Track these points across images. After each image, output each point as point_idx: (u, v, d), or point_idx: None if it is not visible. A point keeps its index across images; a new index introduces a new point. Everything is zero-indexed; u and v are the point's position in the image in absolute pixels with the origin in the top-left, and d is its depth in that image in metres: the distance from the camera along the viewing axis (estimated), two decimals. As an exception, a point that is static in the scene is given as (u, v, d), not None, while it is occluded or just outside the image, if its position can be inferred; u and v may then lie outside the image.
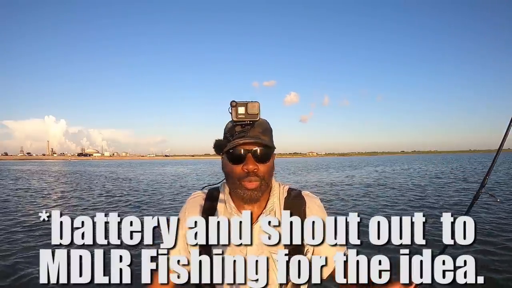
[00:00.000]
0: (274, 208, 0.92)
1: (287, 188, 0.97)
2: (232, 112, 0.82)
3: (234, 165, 0.85)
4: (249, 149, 0.84)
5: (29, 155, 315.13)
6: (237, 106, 0.81)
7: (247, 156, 0.84)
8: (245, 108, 0.81)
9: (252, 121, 0.83)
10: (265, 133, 0.87)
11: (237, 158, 0.85)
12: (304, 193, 0.96)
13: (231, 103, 0.81)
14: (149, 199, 10.23)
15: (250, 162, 0.84)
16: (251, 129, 0.84)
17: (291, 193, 0.95)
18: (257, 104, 0.82)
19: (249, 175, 0.84)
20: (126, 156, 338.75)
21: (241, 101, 0.82)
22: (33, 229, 5.99)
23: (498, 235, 5.12)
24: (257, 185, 0.85)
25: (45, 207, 8.69)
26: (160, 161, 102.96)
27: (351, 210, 7.67)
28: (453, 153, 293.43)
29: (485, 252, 4.20)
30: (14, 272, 3.85)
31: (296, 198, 0.94)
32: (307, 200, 0.94)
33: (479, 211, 6.68)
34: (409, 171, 23.56)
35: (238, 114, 0.81)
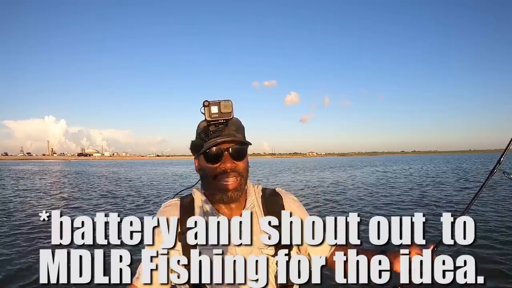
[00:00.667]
0: (254, 206, 0.92)
1: (261, 187, 0.98)
2: (205, 112, 0.82)
3: (211, 165, 0.85)
4: (226, 147, 0.85)
5: (29, 155, 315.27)
6: (210, 105, 0.81)
7: (224, 154, 0.85)
8: (218, 107, 0.81)
9: (226, 119, 0.83)
10: (239, 131, 0.88)
11: (214, 157, 0.85)
12: (278, 190, 0.98)
13: (204, 102, 0.81)
14: (151, 198, 10.24)
15: (227, 160, 0.85)
16: (225, 128, 0.85)
17: (266, 192, 0.96)
18: (230, 103, 0.82)
19: (227, 173, 0.85)
20: (126, 156, 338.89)
21: (213, 101, 0.82)
22: (33, 229, 5.99)
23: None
24: (236, 184, 0.86)
25: (45, 208, 8.68)
26: (161, 161, 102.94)
27: (352, 209, 7.68)
28: (453, 153, 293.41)
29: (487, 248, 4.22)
30: (14, 272, 3.85)
31: (272, 195, 0.95)
32: (283, 196, 0.95)
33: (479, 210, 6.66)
34: (409, 171, 23.57)
35: (212, 114, 0.82)
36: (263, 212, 0.91)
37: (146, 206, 8.74)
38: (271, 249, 0.85)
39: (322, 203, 8.84)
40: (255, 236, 0.85)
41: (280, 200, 0.94)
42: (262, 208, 0.92)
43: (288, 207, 0.93)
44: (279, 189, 0.99)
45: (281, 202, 0.94)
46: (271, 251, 0.85)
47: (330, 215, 7.25)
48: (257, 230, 0.86)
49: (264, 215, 0.90)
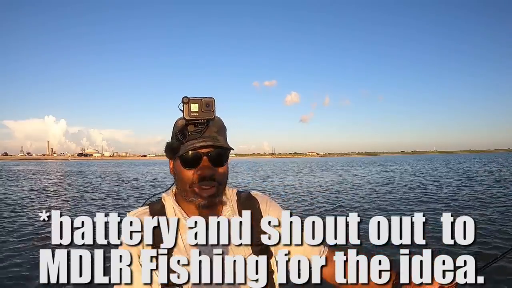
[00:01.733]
0: (231, 213, 0.86)
1: (235, 191, 0.92)
2: (183, 109, 0.72)
3: (188, 170, 0.78)
4: (205, 152, 0.76)
5: (29, 155, 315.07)
6: (189, 102, 0.72)
7: (202, 159, 0.77)
8: (199, 104, 0.72)
9: (207, 119, 0.74)
10: (221, 132, 0.80)
11: (191, 161, 0.76)
12: (253, 193, 0.92)
13: (183, 99, 0.72)
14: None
15: (206, 165, 0.77)
16: (206, 129, 0.76)
17: (241, 195, 0.90)
18: (212, 100, 0.73)
19: (205, 180, 0.77)
20: (126, 156, 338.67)
21: (194, 97, 0.72)
22: (32, 229, 5.99)
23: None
24: (213, 191, 0.79)
25: (45, 208, 8.68)
26: (161, 161, 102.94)
27: (354, 208, 7.68)
28: (453, 153, 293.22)
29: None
30: (15, 272, 3.85)
31: (247, 199, 0.90)
32: (258, 199, 0.90)
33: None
34: (410, 171, 23.56)
35: (191, 112, 0.72)
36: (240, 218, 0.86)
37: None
38: (251, 257, 0.80)
39: (337, 203, 8.84)
40: (233, 243, 0.80)
41: (256, 204, 0.89)
42: (238, 212, 0.86)
43: (264, 210, 0.88)
44: (254, 193, 0.93)
45: (257, 205, 0.89)
46: (250, 259, 0.80)
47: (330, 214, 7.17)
48: (235, 237, 0.80)
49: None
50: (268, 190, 12.38)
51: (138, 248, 0.76)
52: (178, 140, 0.76)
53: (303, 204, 8.78)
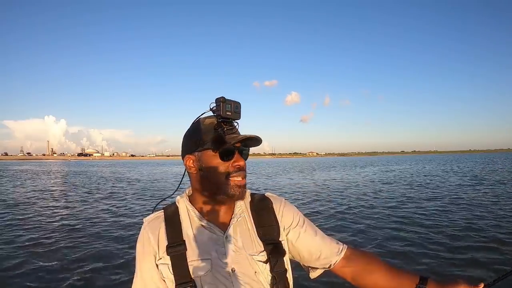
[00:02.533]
0: (243, 211, 0.87)
1: (249, 192, 0.92)
2: (221, 107, 0.79)
3: (224, 162, 0.81)
4: (243, 146, 0.84)
5: (29, 155, 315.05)
6: (226, 102, 0.80)
7: (242, 152, 0.84)
8: (232, 106, 0.81)
9: (235, 120, 0.83)
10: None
11: (229, 154, 0.81)
12: (267, 194, 0.93)
13: (220, 98, 0.79)
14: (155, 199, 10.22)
15: (239, 158, 0.82)
16: (236, 128, 0.84)
17: (255, 196, 0.92)
18: (240, 105, 0.82)
19: (241, 170, 0.82)
20: (126, 156, 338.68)
21: (229, 99, 0.80)
22: (32, 229, 5.99)
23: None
24: (245, 181, 0.84)
25: (44, 208, 8.67)
26: (162, 161, 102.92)
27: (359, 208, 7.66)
28: (453, 153, 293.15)
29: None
30: (14, 272, 3.84)
31: (261, 200, 0.91)
32: (272, 200, 0.91)
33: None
34: (423, 170, 23.57)
35: (226, 111, 0.80)
36: (252, 217, 0.87)
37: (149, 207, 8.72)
38: (263, 255, 0.82)
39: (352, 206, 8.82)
40: (246, 242, 0.83)
41: (269, 204, 0.90)
42: (251, 213, 0.88)
43: (278, 210, 0.89)
44: (269, 194, 0.94)
45: (271, 205, 0.90)
46: (263, 258, 0.82)
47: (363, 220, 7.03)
48: (247, 236, 0.84)
49: (254, 220, 0.87)
50: (274, 190, 12.33)
51: (154, 249, 0.81)
52: (218, 132, 0.81)
53: (315, 204, 8.75)
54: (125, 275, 3.69)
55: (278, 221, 0.88)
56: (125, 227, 6.17)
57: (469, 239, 4.97)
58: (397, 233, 5.40)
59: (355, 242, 4.92)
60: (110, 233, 5.71)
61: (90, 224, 6.48)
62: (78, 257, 4.39)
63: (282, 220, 0.88)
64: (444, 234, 5.25)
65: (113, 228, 6.05)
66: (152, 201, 9.67)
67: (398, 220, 6.38)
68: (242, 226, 0.85)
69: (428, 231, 5.45)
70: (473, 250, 4.41)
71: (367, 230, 5.64)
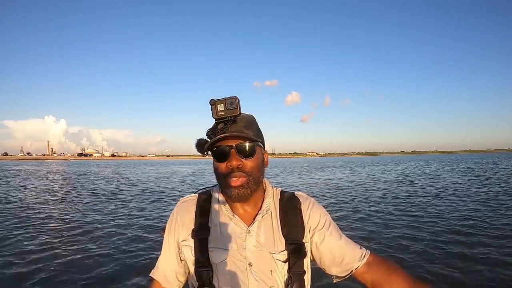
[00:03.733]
0: (269, 208, 0.88)
1: (280, 190, 0.94)
2: (212, 111, 0.80)
3: (219, 163, 0.82)
4: (232, 144, 0.80)
5: (29, 155, 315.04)
6: (216, 103, 0.79)
7: (230, 151, 0.80)
8: (224, 104, 0.79)
9: (233, 116, 0.80)
10: (249, 127, 0.83)
11: (220, 154, 0.81)
12: (297, 194, 0.94)
13: (210, 101, 0.79)
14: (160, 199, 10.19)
15: (233, 158, 0.80)
16: (233, 125, 0.81)
17: (284, 195, 0.92)
18: (235, 99, 0.79)
19: (234, 172, 0.80)
20: (126, 156, 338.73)
21: (219, 98, 0.80)
22: (31, 230, 5.95)
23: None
24: (242, 182, 0.80)
25: (44, 208, 8.63)
26: (163, 161, 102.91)
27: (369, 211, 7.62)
28: (453, 153, 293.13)
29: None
30: (14, 272, 3.81)
31: (290, 198, 0.91)
32: (301, 200, 0.91)
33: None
34: (428, 170, 23.54)
35: (218, 112, 0.80)
36: (279, 215, 0.87)
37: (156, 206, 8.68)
38: (284, 254, 0.82)
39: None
40: (268, 240, 0.84)
41: (298, 204, 0.89)
42: (279, 211, 0.88)
43: (305, 211, 0.89)
44: (298, 193, 0.94)
45: (299, 206, 0.89)
46: (283, 257, 0.82)
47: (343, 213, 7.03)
48: (270, 233, 0.85)
49: (280, 218, 0.87)
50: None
51: (179, 229, 0.87)
52: (208, 137, 0.82)
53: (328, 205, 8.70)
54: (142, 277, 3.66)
55: (304, 222, 0.87)
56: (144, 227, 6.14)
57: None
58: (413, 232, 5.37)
59: (380, 243, 4.87)
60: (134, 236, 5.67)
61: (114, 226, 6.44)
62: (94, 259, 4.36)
63: (308, 221, 0.88)
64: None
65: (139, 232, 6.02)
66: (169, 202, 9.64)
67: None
68: (267, 223, 0.86)
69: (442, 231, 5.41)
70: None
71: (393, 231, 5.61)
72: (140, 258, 4.26)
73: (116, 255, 4.42)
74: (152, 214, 7.46)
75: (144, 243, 4.97)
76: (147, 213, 7.68)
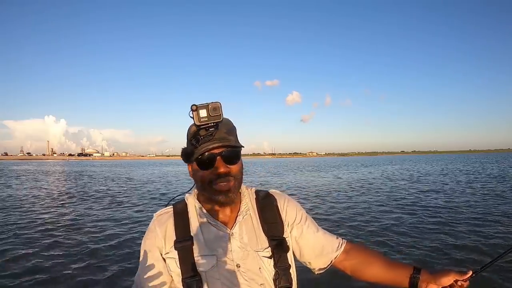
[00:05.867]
0: (248, 209, 0.91)
1: (254, 190, 0.97)
2: (193, 116, 0.78)
3: (205, 171, 0.83)
4: (218, 152, 0.82)
5: (29, 155, 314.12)
6: (198, 109, 0.78)
7: (216, 159, 0.82)
8: (207, 110, 0.78)
9: (216, 122, 0.79)
10: (230, 133, 0.85)
11: (206, 163, 0.82)
12: (271, 191, 0.97)
13: (192, 107, 0.78)
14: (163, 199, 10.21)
15: (220, 165, 0.82)
16: (216, 131, 0.81)
17: (260, 194, 0.95)
18: (218, 105, 0.78)
19: (221, 177, 0.82)
20: (126, 156, 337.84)
21: (201, 104, 0.78)
22: (31, 230, 5.98)
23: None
24: (230, 186, 0.83)
25: (44, 209, 8.66)
26: (163, 161, 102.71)
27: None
28: (453, 153, 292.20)
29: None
30: (14, 272, 3.85)
31: (265, 197, 0.94)
32: (276, 197, 0.95)
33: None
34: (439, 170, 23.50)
35: (201, 118, 0.78)
36: (258, 214, 0.91)
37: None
38: (268, 251, 0.86)
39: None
40: (251, 239, 0.86)
41: (274, 201, 0.94)
42: (257, 210, 0.91)
43: (282, 207, 0.93)
44: (273, 191, 0.98)
45: (275, 203, 0.94)
46: (267, 253, 0.86)
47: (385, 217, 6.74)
48: (253, 233, 0.87)
49: (259, 217, 0.90)
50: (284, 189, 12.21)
51: (161, 243, 0.85)
52: (192, 145, 0.82)
53: (319, 203, 8.74)
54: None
55: (282, 217, 0.91)
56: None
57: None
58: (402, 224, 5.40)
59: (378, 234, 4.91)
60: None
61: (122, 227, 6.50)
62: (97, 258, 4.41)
63: (286, 217, 0.92)
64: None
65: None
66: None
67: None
68: (247, 223, 0.88)
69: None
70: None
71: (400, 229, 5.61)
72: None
73: (117, 257, 4.42)
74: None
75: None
76: (150, 214, 7.73)
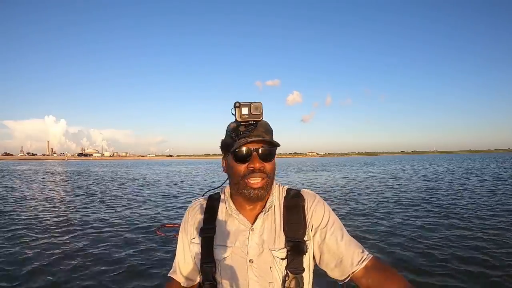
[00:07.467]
0: (273, 206, 0.91)
1: (286, 188, 0.96)
2: (235, 113, 0.83)
3: (240, 164, 0.85)
4: (255, 148, 0.84)
5: (29, 155, 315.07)
6: (240, 106, 0.83)
7: (252, 154, 0.84)
8: (249, 108, 0.83)
9: (256, 121, 0.84)
10: (268, 132, 0.88)
11: (243, 157, 0.84)
12: (302, 191, 0.95)
13: (235, 104, 0.83)
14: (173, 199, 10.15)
15: (255, 160, 0.84)
16: (255, 129, 0.85)
17: (290, 192, 0.94)
18: (260, 105, 0.84)
19: (254, 173, 0.84)
20: (126, 156, 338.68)
21: (244, 102, 0.83)
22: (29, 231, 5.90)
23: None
24: (263, 183, 0.84)
25: (44, 209, 8.59)
26: (164, 161, 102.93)
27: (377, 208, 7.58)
28: (453, 153, 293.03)
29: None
30: (13, 272, 3.77)
31: (294, 196, 0.93)
32: (305, 197, 0.92)
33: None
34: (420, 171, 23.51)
35: (242, 115, 0.83)
36: (283, 213, 0.89)
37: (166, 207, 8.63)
38: (282, 252, 0.84)
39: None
40: (270, 237, 0.86)
41: (301, 202, 0.90)
42: (282, 209, 0.90)
43: (309, 209, 0.89)
44: (304, 190, 0.95)
45: (302, 203, 0.90)
46: (281, 254, 0.84)
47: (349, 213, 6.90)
48: (272, 231, 0.87)
49: (283, 216, 0.88)
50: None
51: (191, 229, 0.94)
52: (231, 138, 0.86)
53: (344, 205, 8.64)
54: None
55: (306, 219, 0.88)
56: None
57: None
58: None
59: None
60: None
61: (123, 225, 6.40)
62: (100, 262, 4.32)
63: (311, 219, 0.88)
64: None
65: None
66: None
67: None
68: (270, 220, 0.89)
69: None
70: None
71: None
72: (139, 260, 4.20)
73: (117, 257, 4.37)
74: (161, 214, 7.43)
75: (145, 244, 4.93)
76: (152, 214, 7.65)
